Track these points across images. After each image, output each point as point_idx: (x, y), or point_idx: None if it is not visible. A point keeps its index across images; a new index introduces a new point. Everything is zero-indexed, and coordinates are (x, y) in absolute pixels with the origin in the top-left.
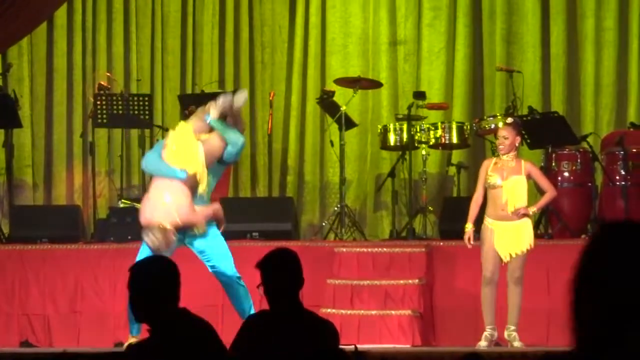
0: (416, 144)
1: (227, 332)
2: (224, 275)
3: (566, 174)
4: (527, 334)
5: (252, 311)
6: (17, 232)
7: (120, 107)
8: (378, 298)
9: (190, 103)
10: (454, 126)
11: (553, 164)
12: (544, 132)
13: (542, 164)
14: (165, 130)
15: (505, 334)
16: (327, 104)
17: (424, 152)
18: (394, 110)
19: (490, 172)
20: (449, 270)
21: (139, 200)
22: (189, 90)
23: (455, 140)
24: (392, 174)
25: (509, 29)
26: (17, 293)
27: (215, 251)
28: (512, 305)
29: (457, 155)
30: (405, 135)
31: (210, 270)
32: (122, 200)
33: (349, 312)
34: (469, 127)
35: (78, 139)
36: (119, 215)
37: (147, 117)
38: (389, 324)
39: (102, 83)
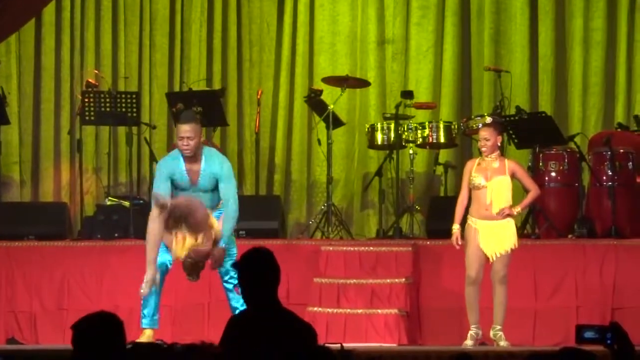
0: (404, 143)
1: (215, 329)
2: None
3: (553, 174)
4: (514, 334)
5: None
6: (4, 229)
7: (107, 104)
8: (364, 297)
9: (178, 101)
10: (442, 125)
11: (540, 163)
12: (532, 132)
13: (530, 164)
14: (152, 127)
15: (491, 333)
16: (315, 102)
17: (411, 151)
18: (382, 109)
19: (474, 172)
20: (435, 270)
21: (125, 197)
22: (176, 88)
23: (442, 139)
24: (379, 173)
25: (497, 29)
26: (4, 290)
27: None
28: (497, 305)
29: (444, 155)
30: (392, 134)
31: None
32: (109, 198)
33: (335, 310)
34: (456, 126)
35: (65, 136)
36: (106, 212)
37: (134, 114)
38: (375, 322)
39: (90, 80)
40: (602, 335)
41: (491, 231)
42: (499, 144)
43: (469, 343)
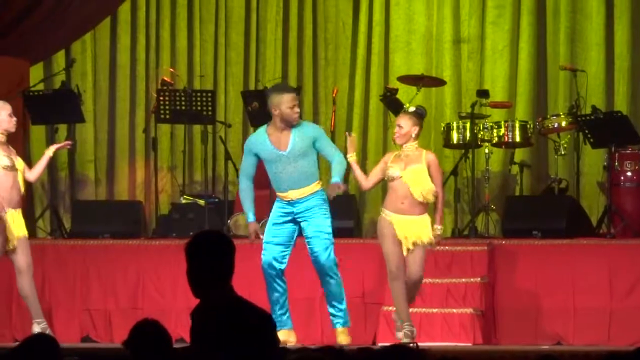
0: (479, 142)
1: None
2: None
3: (629, 173)
4: (589, 333)
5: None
6: (79, 227)
7: (183, 103)
8: (440, 296)
9: (253, 99)
10: (517, 125)
11: (616, 163)
12: (607, 131)
13: (605, 163)
14: (228, 126)
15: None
16: (390, 101)
17: (486, 151)
18: (457, 108)
19: (390, 163)
20: (511, 269)
21: (201, 196)
22: (252, 87)
23: (518, 138)
24: (454, 172)
25: (573, 28)
26: (79, 288)
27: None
28: (407, 302)
29: (519, 154)
30: (468, 134)
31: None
32: (184, 196)
33: (410, 310)
34: (532, 125)
35: (141, 135)
36: (181, 211)
37: (210, 113)
38: (450, 322)
39: (165, 79)
40: None
41: (406, 225)
42: (413, 135)
43: (404, 341)
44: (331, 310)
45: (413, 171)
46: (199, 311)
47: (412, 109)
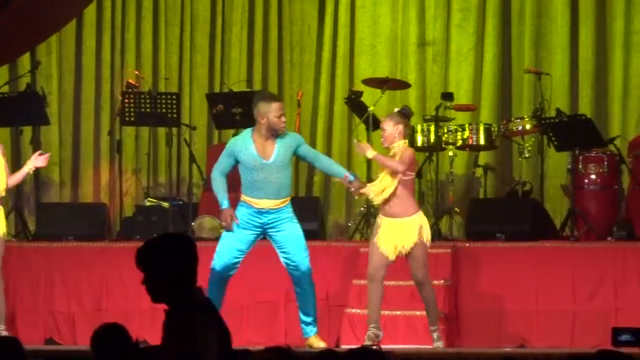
0: (443, 145)
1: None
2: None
3: (593, 176)
4: (552, 335)
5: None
6: (43, 229)
7: (148, 105)
8: (403, 299)
9: (218, 102)
10: (482, 128)
11: (580, 166)
12: (572, 134)
13: (569, 166)
14: (193, 129)
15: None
16: (355, 104)
17: (451, 154)
18: (422, 111)
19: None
20: (474, 272)
21: (165, 198)
22: (217, 89)
23: (482, 141)
24: (419, 174)
25: (537, 31)
26: (43, 290)
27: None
28: (426, 307)
29: (484, 157)
30: (432, 136)
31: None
32: (149, 199)
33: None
34: (496, 128)
35: (105, 137)
36: (145, 213)
37: (174, 115)
38: (414, 324)
39: (130, 81)
40: (638, 338)
41: (391, 228)
42: (397, 135)
43: (366, 342)
44: (306, 319)
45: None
46: (177, 314)
47: (396, 109)
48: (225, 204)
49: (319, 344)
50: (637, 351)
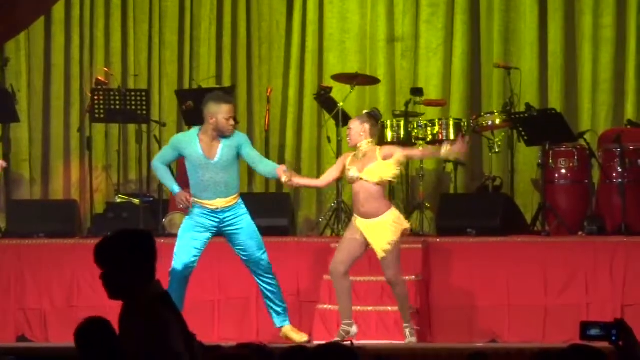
0: (413, 141)
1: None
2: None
3: (563, 171)
4: (523, 330)
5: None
6: (14, 226)
7: (117, 102)
8: (374, 294)
9: (188, 98)
10: (451, 123)
11: (550, 160)
12: (542, 129)
13: (539, 161)
14: (162, 125)
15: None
16: (325, 100)
17: (421, 149)
18: (392, 107)
19: (349, 165)
20: (445, 267)
21: (135, 195)
22: (186, 86)
23: (452, 136)
24: None
25: (506, 26)
26: (14, 288)
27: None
28: (399, 304)
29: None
30: (402, 132)
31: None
32: (119, 195)
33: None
34: (466, 123)
35: (75, 134)
36: (116, 210)
37: (144, 112)
38: (385, 320)
39: (100, 78)
40: (607, 332)
41: (371, 229)
42: (363, 133)
43: (337, 338)
44: (277, 309)
45: (370, 171)
46: (136, 306)
47: (365, 111)
48: (175, 188)
49: (296, 336)
50: (607, 345)
